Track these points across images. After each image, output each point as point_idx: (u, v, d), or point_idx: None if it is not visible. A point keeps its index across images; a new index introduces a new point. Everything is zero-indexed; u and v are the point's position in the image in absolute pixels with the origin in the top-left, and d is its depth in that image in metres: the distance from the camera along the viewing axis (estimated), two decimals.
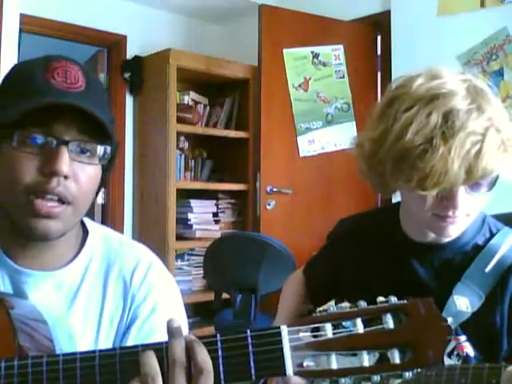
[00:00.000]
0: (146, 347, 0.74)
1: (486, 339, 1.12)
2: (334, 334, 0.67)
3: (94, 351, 0.74)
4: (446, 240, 1.16)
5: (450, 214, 1.08)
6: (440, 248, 1.18)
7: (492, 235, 1.19)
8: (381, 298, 0.67)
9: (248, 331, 0.72)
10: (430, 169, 1.00)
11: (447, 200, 1.06)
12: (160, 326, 0.98)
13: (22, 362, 0.74)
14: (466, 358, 1.10)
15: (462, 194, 1.05)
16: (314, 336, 0.67)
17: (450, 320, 1.10)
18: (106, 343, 0.98)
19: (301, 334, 0.68)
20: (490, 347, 1.12)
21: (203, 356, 0.71)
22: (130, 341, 0.97)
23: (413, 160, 1.02)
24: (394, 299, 0.67)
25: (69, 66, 0.93)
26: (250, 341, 0.71)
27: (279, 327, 0.70)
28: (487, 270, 1.14)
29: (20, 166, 0.88)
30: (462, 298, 1.12)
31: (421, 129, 1.01)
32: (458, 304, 1.12)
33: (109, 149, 0.94)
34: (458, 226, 1.11)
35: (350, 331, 0.66)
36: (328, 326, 0.67)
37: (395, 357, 0.65)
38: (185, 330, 1.03)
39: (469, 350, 1.12)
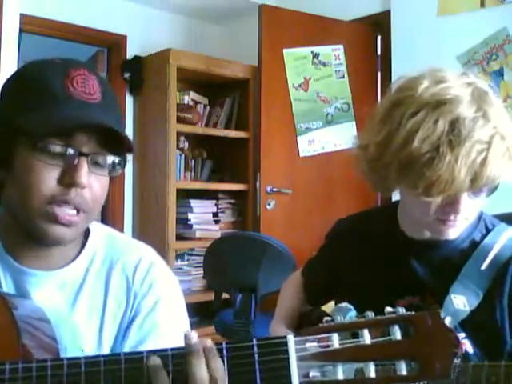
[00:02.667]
0: (152, 353, 0.73)
1: (486, 336, 1.13)
2: (340, 344, 0.66)
3: (98, 356, 0.74)
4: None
5: (452, 217, 1.09)
6: (438, 245, 1.19)
7: (488, 231, 1.20)
8: (389, 309, 0.67)
9: (254, 340, 0.71)
10: (437, 177, 1.00)
11: (450, 206, 1.07)
12: (161, 323, 1.00)
13: (26, 366, 0.73)
14: (465, 356, 1.10)
15: (465, 200, 1.06)
16: (321, 346, 0.67)
17: (448, 319, 1.11)
18: (109, 339, 0.99)
19: (307, 344, 0.67)
20: (491, 344, 1.13)
21: (218, 366, 0.72)
22: (132, 337, 0.99)
23: (419, 167, 1.02)
24: (401, 310, 0.67)
25: (87, 75, 0.93)
26: (255, 350, 0.71)
27: (285, 337, 0.70)
28: (483, 267, 1.14)
29: (40, 175, 0.89)
30: (459, 297, 1.13)
31: (428, 136, 1.01)
32: (455, 303, 1.12)
33: (121, 160, 0.96)
34: (458, 228, 1.13)
35: (357, 342, 0.66)
36: (335, 337, 0.67)
37: (402, 368, 0.65)
38: (186, 328, 1.04)
39: (468, 347, 1.13)
